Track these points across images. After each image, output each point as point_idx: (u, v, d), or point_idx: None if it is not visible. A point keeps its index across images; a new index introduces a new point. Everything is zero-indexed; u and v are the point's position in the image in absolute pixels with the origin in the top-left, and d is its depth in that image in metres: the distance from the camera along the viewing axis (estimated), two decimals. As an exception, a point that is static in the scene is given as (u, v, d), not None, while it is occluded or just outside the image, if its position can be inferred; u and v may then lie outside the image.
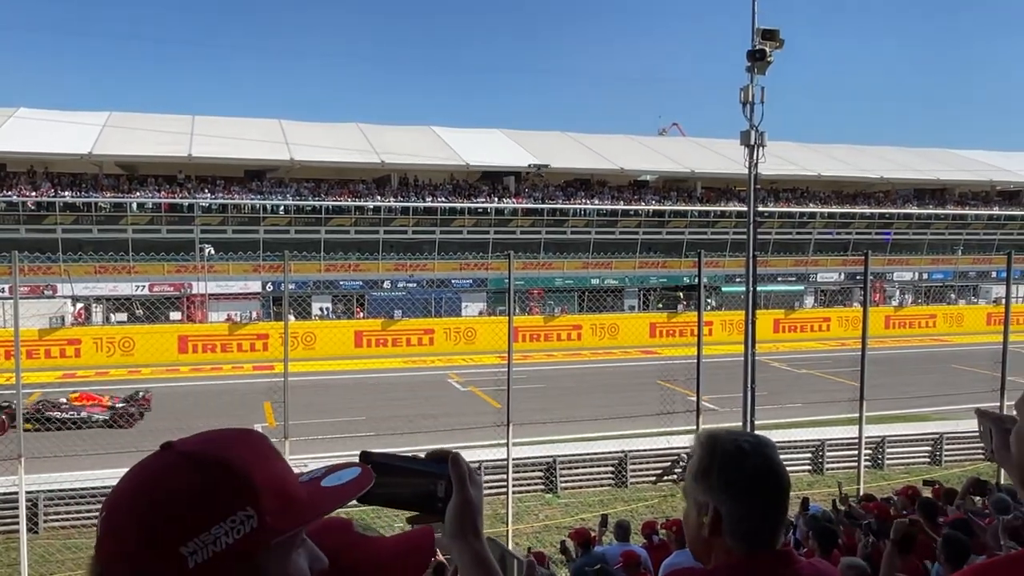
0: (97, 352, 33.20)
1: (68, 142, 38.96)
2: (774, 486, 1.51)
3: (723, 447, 1.51)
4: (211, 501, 0.86)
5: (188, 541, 0.84)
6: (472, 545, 1.21)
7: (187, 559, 0.83)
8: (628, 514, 14.27)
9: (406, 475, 1.24)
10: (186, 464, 0.88)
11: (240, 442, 0.94)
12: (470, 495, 1.22)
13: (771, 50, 13.77)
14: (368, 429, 20.83)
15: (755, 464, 1.49)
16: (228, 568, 0.86)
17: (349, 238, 42.62)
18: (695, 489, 1.51)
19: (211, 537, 0.85)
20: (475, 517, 1.23)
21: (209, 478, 0.87)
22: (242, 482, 0.89)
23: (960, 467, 17.98)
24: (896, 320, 45.75)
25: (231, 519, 0.86)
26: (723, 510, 1.47)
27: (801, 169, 49.35)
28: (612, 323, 40.98)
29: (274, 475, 0.93)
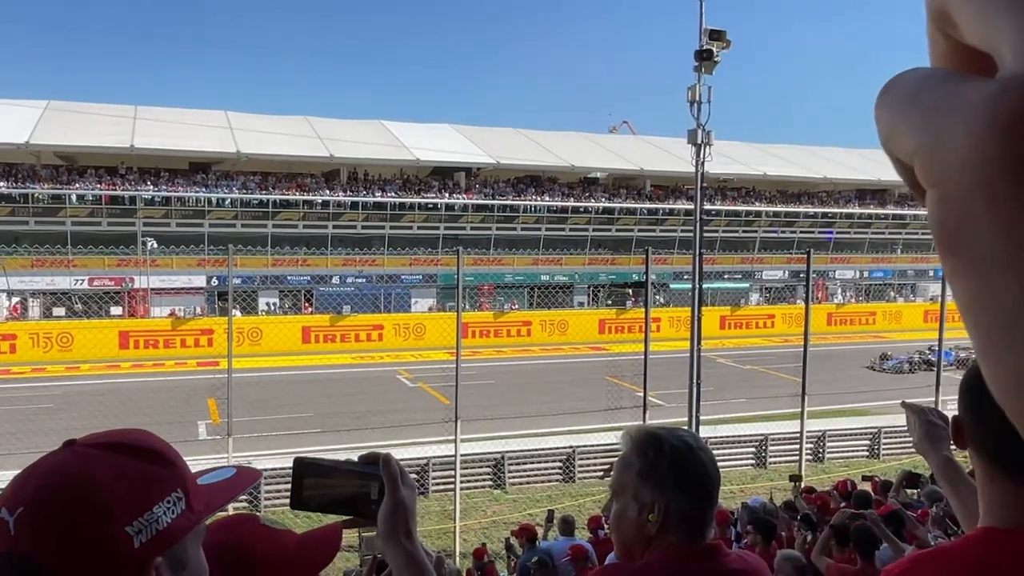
0: (34, 348, 32.27)
1: (4, 131, 37.61)
2: (715, 480, 1.55)
3: (671, 444, 1.53)
4: (151, 481, 0.89)
5: (134, 520, 0.85)
6: (404, 546, 1.21)
7: (133, 538, 0.84)
8: (576, 509, 14.36)
9: (340, 478, 1.24)
10: (109, 452, 0.89)
11: (146, 434, 0.96)
12: (402, 496, 1.22)
13: (718, 50, 13.97)
14: (315, 426, 20.66)
15: (700, 459, 1.53)
16: (164, 548, 0.88)
17: (297, 232, 42.07)
18: (640, 487, 1.52)
19: (153, 516, 0.87)
20: (407, 518, 1.23)
21: (144, 460, 0.90)
22: (172, 465, 0.93)
23: (897, 460, 18.48)
24: (838, 317, 46.87)
25: (167, 499, 0.89)
26: (672, 506, 1.49)
27: (747, 168, 50.20)
28: (561, 319, 41.21)
29: (185, 463, 0.97)
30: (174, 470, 0.93)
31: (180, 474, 0.93)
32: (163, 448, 0.94)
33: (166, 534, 0.88)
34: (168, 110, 46.08)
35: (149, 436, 0.96)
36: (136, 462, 0.89)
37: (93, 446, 0.90)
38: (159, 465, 0.91)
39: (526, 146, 49.52)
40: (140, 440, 0.93)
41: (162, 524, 0.87)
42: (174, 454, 0.95)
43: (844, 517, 5.35)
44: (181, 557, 0.92)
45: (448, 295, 41.96)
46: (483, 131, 51.26)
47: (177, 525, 0.89)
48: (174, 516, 0.89)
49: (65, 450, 0.90)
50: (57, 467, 0.87)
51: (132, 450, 0.90)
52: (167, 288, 38.41)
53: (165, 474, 0.91)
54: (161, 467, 0.91)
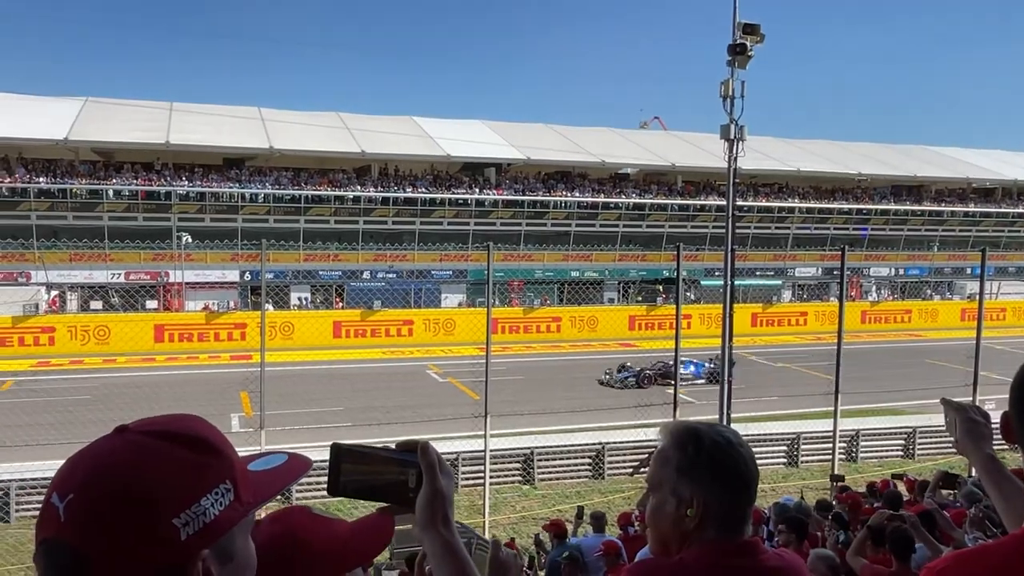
0: (72, 340, 32.85)
1: (43, 128, 38.36)
2: (754, 476, 1.54)
3: (711, 440, 1.52)
4: (199, 473, 0.89)
5: (180, 513, 0.85)
6: (442, 535, 1.21)
7: (180, 531, 0.84)
8: (605, 506, 14.33)
9: (377, 465, 1.24)
10: (159, 441, 0.89)
11: (197, 421, 0.96)
12: (440, 484, 1.22)
13: (752, 44, 13.82)
14: (346, 420, 20.80)
15: (740, 455, 1.52)
16: (212, 540, 0.88)
17: (329, 228, 42.37)
18: (679, 482, 1.51)
19: (200, 508, 0.86)
20: (445, 507, 1.22)
21: (194, 451, 0.90)
22: (221, 456, 0.93)
23: (932, 460, 18.21)
24: (872, 315, 46.22)
25: (215, 491, 0.89)
26: (711, 502, 1.49)
27: (780, 164, 49.66)
28: (591, 315, 41.08)
29: (236, 452, 0.96)
30: (223, 460, 0.92)
31: (229, 464, 0.93)
32: (214, 437, 0.94)
33: (213, 526, 0.87)
34: (202, 106, 46.60)
35: (201, 423, 0.95)
36: (186, 452, 0.89)
37: (145, 433, 0.89)
38: (209, 455, 0.91)
39: (556, 141, 49.41)
40: (191, 428, 0.93)
41: (209, 516, 0.87)
42: (224, 443, 0.95)
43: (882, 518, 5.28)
44: (228, 548, 0.92)
45: (478, 291, 42.01)
46: (513, 126, 51.24)
47: (225, 517, 0.89)
48: (222, 508, 0.89)
49: (117, 436, 0.90)
50: (108, 455, 0.87)
51: (183, 439, 0.90)
52: (201, 282, 38.91)
53: (214, 465, 0.91)
54: (211, 457, 0.91)
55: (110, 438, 0.90)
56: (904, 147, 60.51)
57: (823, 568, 4.84)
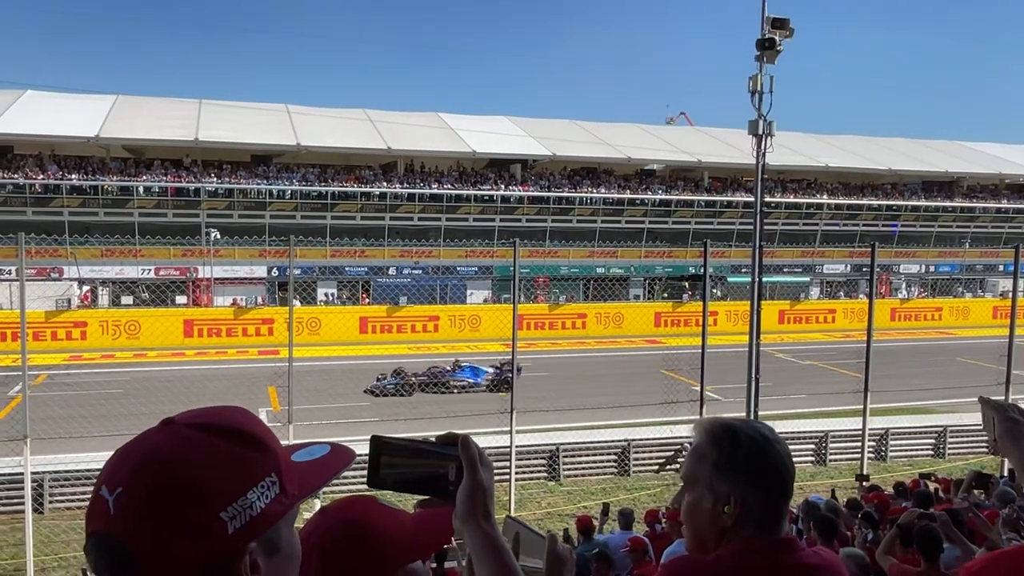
0: (103, 335, 33.31)
1: (75, 125, 38.98)
2: (791, 473, 1.54)
3: (747, 436, 1.52)
4: (245, 466, 0.89)
5: (228, 506, 0.85)
6: (483, 528, 1.21)
7: (227, 524, 0.85)
8: (631, 503, 14.29)
9: (417, 458, 1.24)
10: (206, 434, 0.89)
11: (242, 413, 0.97)
12: (481, 477, 1.22)
13: (781, 39, 13.69)
14: (372, 415, 20.93)
15: (777, 451, 1.52)
16: (259, 533, 0.89)
17: (355, 224, 42.62)
18: (715, 479, 1.51)
19: (247, 502, 0.87)
20: (486, 500, 1.22)
21: (240, 444, 0.90)
22: (266, 449, 0.93)
23: (963, 460, 17.96)
24: (902, 312, 45.64)
25: (261, 484, 0.89)
26: (748, 499, 1.48)
27: (809, 160, 49.15)
28: (617, 312, 40.95)
29: (280, 445, 0.97)
30: (269, 453, 0.93)
31: (275, 457, 0.93)
32: (259, 430, 0.94)
33: (260, 519, 0.88)
34: (230, 103, 47.07)
35: (245, 416, 0.96)
36: (232, 446, 0.89)
37: (191, 426, 0.90)
38: (255, 449, 0.91)
39: (582, 138, 49.28)
40: (237, 421, 0.93)
41: (256, 509, 0.87)
42: (270, 436, 0.95)
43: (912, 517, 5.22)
44: (275, 541, 0.93)
45: (503, 287, 42.05)
46: (539, 122, 51.16)
47: (271, 510, 0.89)
48: (268, 501, 0.89)
49: (164, 429, 0.90)
50: (156, 448, 0.88)
51: (229, 432, 0.90)
52: (229, 278, 39.33)
53: (260, 458, 0.91)
54: (257, 451, 0.91)
55: (157, 431, 0.90)
56: (935, 142, 59.63)
57: (852, 567, 4.80)
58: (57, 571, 12.53)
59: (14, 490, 13.09)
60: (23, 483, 11.60)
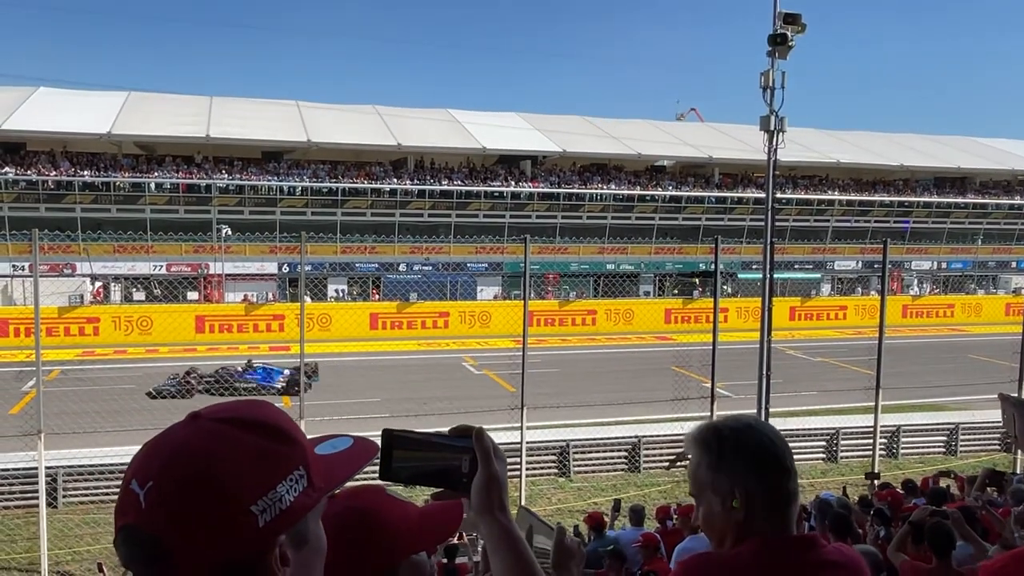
0: (115, 330, 33.50)
1: (87, 122, 39.18)
2: (784, 451, 1.53)
3: (729, 429, 1.53)
4: (274, 460, 0.89)
5: (258, 499, 0.86)
6: (499, 519, 1.22)
7: (258, 517, 0.85)
8: (641, 499, 14.29)
9: (430, 451, 1.24)
10: (234, 428, 0.90)
11: (268, 407, 0.97)
12: (495, 470, 1.23)
13: (793, 34, 13.62)
14: (383, 411, 20.98)
15: (763, 433, 1.53)
16: (288, 526, 0.89)
17: (365, 220, 42.68)
18: (715, 479, 1.51)
19: (277, 495, 0.87)
20: (501, 492, 1.23)
21: (267, 438, 0.90)
22: (294, 442, 0.93)
23: (976, 457, 17.88)
24: (914, 309, 45.40)
25: (289, 477, 0.90)
26: (752, 488, 1.49)
27: (820, 156, 48.91)
28: (627, 308, 40.90)
29: (306, 438, 0.98)
30: (296, 447, 0.93)
31: (302, 451, 0.94)
32: (286, 423, 0.94)
33: (289, 512, 0.88)
34: (241, 100, 47.22)
35: (272, 410, 0.96)
36: (261, 439, 0.90)
37: (219, 421, 0.90)
38: (282, 442, 0.92)
39: (592, 134, 49.19)
40: (264, 415, 0.93)
41: (285, 503, 0.88)
42: (296, 429, 0.95)
43: (925, 514, 5.21)
44: (303, 533, 0.93)
45: (513, 283, 42.07)
46: (549, 119, 51.07)
47: (300, 503, 0.90)
48: (297, 494, 0.89)
49: (192, 424, 0.91)
50: (186, 443, 0.88)
51: (257, 426, 0.91)
52: (240, 274, 39.46)
53: (288, 451, 0.91)
54: (284, 444, 0.92)
55: (185, 425, 0.91)
56: (948, 138, 59.26)
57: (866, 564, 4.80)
58: (71, 565, 12.63)
59: (29, 484, 13.18)
60: (37, 478, 11.69)
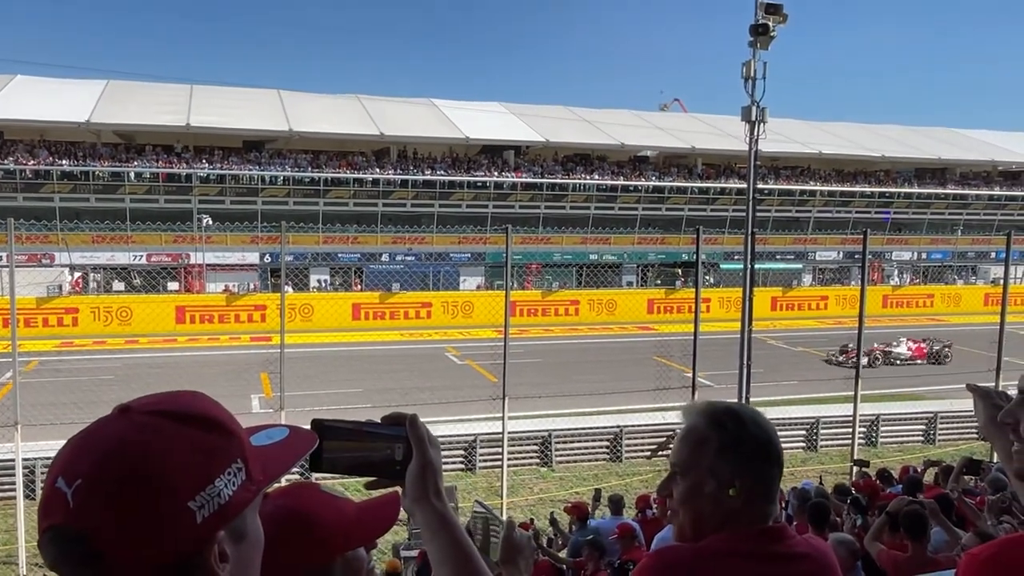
0: (95, 321, 33.21)
1: (65, 110, 38.69)
2: (781, 451, 1.56)
3: (750, 419, 1.53)
4: (211, 453, 0.85)
5: (196, 495, 0.82)
6: (435, 506, 1.20)
7: (195, 513, 0.82)
8: (622, 488, 14.35)
9: (362, 440, 1.22)
10: (167, 421, 0.85)
11: (202, 398, 0.93)
12: (430, 457, 1.21)
13: (774, 24, 13.65)
14: (364, 401, 20.93)
15: (772, 431, 1.54)
16: (227, 522, 0.85)
17: (348, 210, 42.49)
18: (717, 463, 1.49)
19: (215, 490, 0.84)
20: (436, 478, 1.22)
21: (203, 430, 0.86)
22: (230, 434, 0.90)
23: (954, 446, 18.09)
24: (894, 299, 45.82)
25: (227, 471, 0.86)
26: (755, 479, 1.49)
27: (802, 146, 49.11)
28: (610, 299, 41.01)
29: (243, 430, 0.94)
30: (233, 439, 0.89)
31: (239, 443, 0.90)
32: (222, 415, 0.90)
33: (228, 507, 0.85)
34: (222, 89, 46.78)
35: (206, 401, 0.92)
36: (196, 432, 0.86)
37: (151, 413, 0.86)
38: (219, 434, 0.88)
39: (575, 124, 49.17)
40: (199, 407, 0.89)
41: (224, 497, 0.84)
42: (232, 420, 0.91)
43: (901, 504, 5.26)
44: (241, 529, 0.90)
45: (496, 273, 42.03)
46: (532, 109, 50.96)
47: (239, 497, 0.86)
48: (235, 488, 0.86)
49: (122, 417, 0.86)
50: (116, 437, 0.83)
51: (192, 419, 0.87)
52: (221, 264, 39.20)
53: (225, 444, 0.88)
54: (221, 436, 0.88)
55: (114, 419, 0.86)
56: (928, 129, 59.67)
57: (843, 552, 4.84)
58: (50, 557, 12.51)
59: (5, 476, 13.08)
60: (14, 469, 11.59)
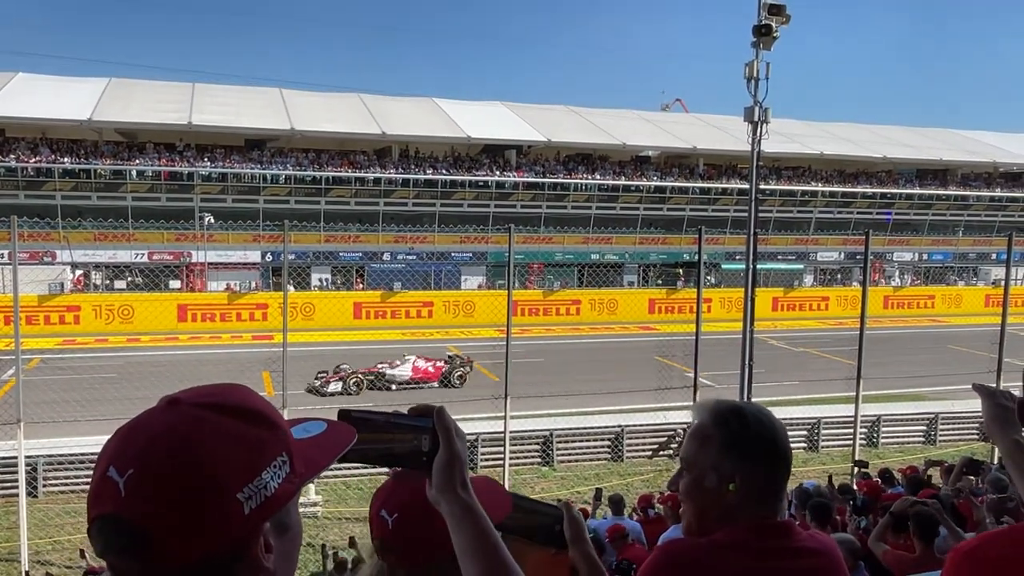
0: (96, 319, 33.22)
1: (68, 108, 38.69)
2: (790, 451, 1.59)
3: (754, 417, 1.55)
4: (258, 446, 0.87)
5: (244, 487, 0.83)
6: (461, 497, 1.21)
7: (243, 505, 0.83)
8: (624, 488, 14.37)
9: (388, 431, 1.24)
10: (216, 414, 0.87)
11: (247, 391, 0.94)
12: (457, 448, 1.22)
13: (777, 25, 13.65)
14: (366, 400, 20.97)
15: (778, 431, 1.57)
16: (272, 513, 0.87)
17: (349, 209, 42.50)
18: (720, 459, 1.53)
19: (262, 482, 0.85)
20: (463, 469, 1.23)
21: (250, 423, 0.88)
22: (276, 427, 0.91)
23: (955, 447, 18.09)
24: (895, 300, 45.80)
25: (273, 464, 0.87)
26: (755, 477, 1.51)
27: (803, 147, 49.10)
28: (611, 298, 41.00)
29: (287, 423, 0.95)
30: (279, 432, 0.91)
31: (284, 436, 0.91)
32: (267, 409, 0.92)
33: (274, 499, 0.86)
34: (224, 87, 46.80)
35: (252, 395, 0.93)
36: (244, 425, 0.87)
37: (200, 406, 0.87)
38: (265, 428, 0.89)
39: (577, 124, 49.16)
40: (246, 400, 0.91)
41: (270, 490, 0.86)
42: (277, 415, 0.93)
43: (905, 504, 5.27)
44: (285, 521, 0.91)
45: (498, 273, 42.04)
46: (534, 109, 50.96)
47: (283, 490, 0.87)
48: (280, 480, 0.87)
49: (171, 409, 0.87)
50: (167, 428, 0.84)
51: (239, 411, 0.88)
52: (223, 263, 39.20)
53: (271, 437, 0.89)
54: (267, 430, 0.89)
55: (164, 411, 0.87)
56: (930, 130, 59.64)
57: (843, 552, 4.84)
58: (52, 554, 12.56)
59: (8, 474, 13.09)
60: (17, 467, 11.60)
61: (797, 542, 1.51)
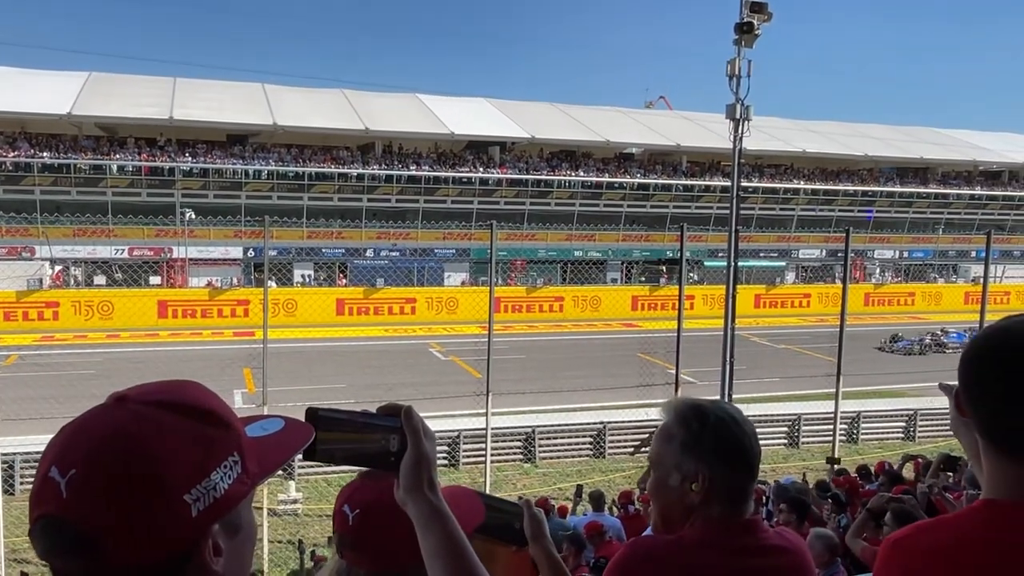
0: (75, 315, 32.93)
1: (47, 102, 38.23)
2: (757, 453, 1.58)
3: (715, 417, 1.55)
4: (208, 445, 0.84)
5: (192, 488, 0.81)
6: (428, 498, 1.20)
7: (191, 506, 0.81)
8: (605, 484, 14.39)
9: (356, 431, 1.21)
10: (164, 412, 0.84)
11: (198, 389, 0.91)
12: (425, 448, 1.20)
13: (759, 23, 13.70)
14: (348, 396, 20.88)
15: (744, 431, 1.56)
16: (222, 515, 0.84)
17: (332, 205, 42.33)
18: (683, 459, 1.54)
19: (211, 483, 0.83)
20: (431, 470, 1.21)
21: (200, 421, 0.85)
22: (227, 426, 0.88)
23: (933, 443, 18.24)
24: (875, 297, 46.18)
25: (223, 464, 0.85)
26: (715, 477, 1.51)
27: (786, 145, 49.38)
28: (594, 295, 41.10)
29: (239, 422, 0.92)
30: (230, 431, 0.88)
31: (236, 436, 0.88)
32: (219, 407, 0.89)
33: (223, 501, 0.84)
34: (205, 82, 46.46)
35: (202, 391, 0.90)
36: (193, 423, 0.84)
37: (147, 404, 0.84)
38: (215, 426, 0.86)
39: (561, 121, 49.19)
40: (196, 398, 0.88)
41: (219, 491, 0.83)
42: (229, 413, 0.90)
43: (882, 501, 5.30)
44: (235, 522, 0.89)
45: (481, 269, 42.02)
46: (518, 105, 50.95)
47: (234, 491, 0.85)
48: (231, 481, 0.85)
49: (118, 407, 0.84)
50: (112, 427, 0.81)
51: (188, 410, 0.85)
52: (204, 259, 38.95)
53: (222, 436, 0.86)
54: (218, 429, 0.86)
55: (110, 409, 0.84)
56: (911, 129, 60.12)
57: (820, 547, 4.87)
58: (30, 553, 12.42)
59: (-16, 471, 12.93)
60: (-7, 464, 11.48)
61: (764, 540, 1.52)
